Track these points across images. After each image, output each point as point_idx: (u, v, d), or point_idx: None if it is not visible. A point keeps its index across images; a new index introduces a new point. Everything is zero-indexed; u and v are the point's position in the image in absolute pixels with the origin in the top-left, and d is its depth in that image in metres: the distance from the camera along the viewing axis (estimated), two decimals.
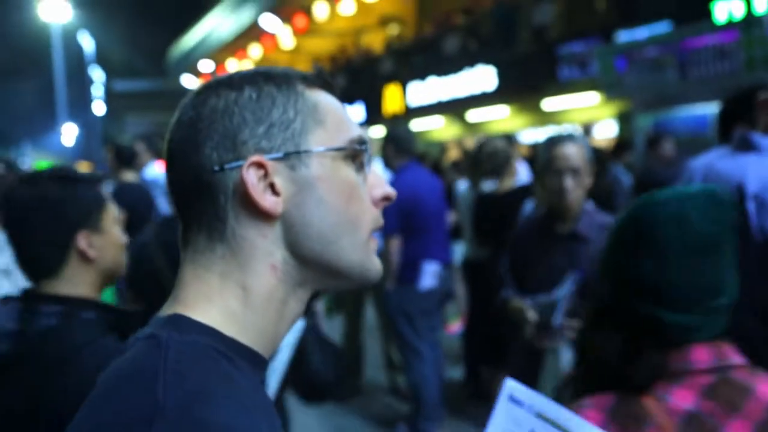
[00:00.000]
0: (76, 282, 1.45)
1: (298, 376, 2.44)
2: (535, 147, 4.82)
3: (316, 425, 4.50)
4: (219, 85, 0.76)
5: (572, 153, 2.42)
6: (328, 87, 0.81)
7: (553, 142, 2.47)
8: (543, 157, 2.48)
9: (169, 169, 0.76)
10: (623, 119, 10.09)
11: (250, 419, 0.64)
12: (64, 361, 1.22)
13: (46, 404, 1.24)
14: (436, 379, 4.31)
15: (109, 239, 1.49)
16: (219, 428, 0.60)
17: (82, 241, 1.44)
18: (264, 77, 0.76)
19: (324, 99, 0.79)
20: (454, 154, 12.23)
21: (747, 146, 1.89)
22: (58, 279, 1.44)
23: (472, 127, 14.98)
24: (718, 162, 1.96)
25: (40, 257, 1.45)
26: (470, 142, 14.45)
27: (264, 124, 0.74)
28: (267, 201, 0.72)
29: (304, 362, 2.45)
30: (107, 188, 1.59)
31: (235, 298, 0.73)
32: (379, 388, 5.25)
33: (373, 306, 5.15)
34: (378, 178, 0.81)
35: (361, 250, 0.77)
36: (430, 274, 4.25)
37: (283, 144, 0.74)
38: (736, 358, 1.17)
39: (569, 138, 2.48)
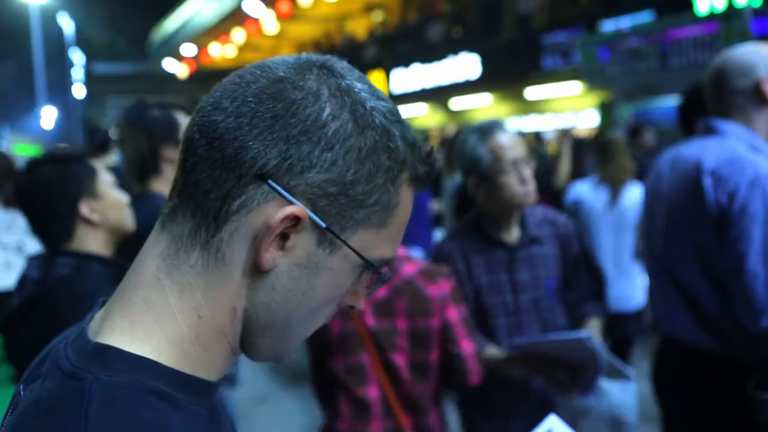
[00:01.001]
0: (86, 243, 1.68)
1: None
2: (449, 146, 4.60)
3: (299, 411, 4.53)
4: (345, 100, 0.62)
5: (517, 141, 2.04)
6: (419, 190, 0.69)
7: (487, 134, 2.02)
8: (482, 154, 2.01)
9: (214, 112, 0.61)
10: (605, 109, 10.16)
11: None
12: (75, 305, 1.34)
13: None
14: None
15: (107, 202, 1.71)
16: None
17: (84, 208, 1.67)
18: (388, 138, 0.63)
19: (405, 206, 0.67)
20: (437, 141, 12.25)
21: (709, 131, 1.96)
22: (71, 242, 1.68)
23: (455, 115, 15.01)
24: (683, 149, 2.03)
25: (51, 229, 1.69)
26: (452, 130, 14.48)
27: (339, 185, 0.61)
28: (267, 253, 0.61)
29: None
30: (114, 157, 1.80)
31: (187, 325, 0.62)
32: None
33: None
34: (363, 292, 0.71)
35: (298, 342, 0.68)
36: None
37: (334, 218, 0.62)
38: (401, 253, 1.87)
39: (499, 126, 2.06)
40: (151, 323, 0.61)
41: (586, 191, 3.88)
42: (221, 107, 0.61)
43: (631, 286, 3.74)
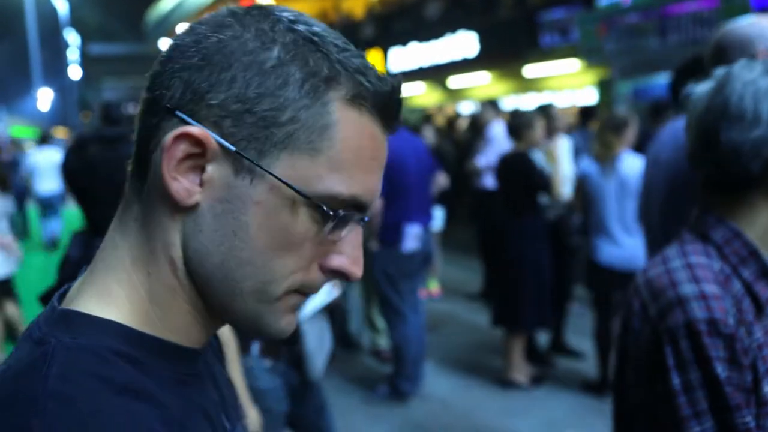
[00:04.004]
0: None
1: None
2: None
3: None
4: (252, 22, 0.59)
5: None
6: (386, 117, 0.61)
7: None
8: None
9: (155, 74, 0.61)
10: (603, 86, 10.13)
11: None
12: None
13: None
14: (417, 339, 4.38)
15: None
16: None
17: None
18: (304, 53, 0.58)
19: (348, 129, 0.59)
20: (439, 120, 12.21)
21: None
22: None
23: (454, 94, 14.96)
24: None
25: (96, 212, 1.64)
26: (451, 109, 14.44)
27: (246, 104, 0.56)
28: (174, 182, 0.57)
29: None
30: None
31: (141, 284, 0.60)
32: (360, 350, 5.33)
33: None
34: (351, 251, 0.62)
35: (264, 304, 0.60)
36: (412, 237, 4.30)
37: (247, 142, 0.57)
38: None
39: None
40: (112, 286, 0.60)
41: (588, 165, 4.34)
42: (158, 69, 0.61)
43: (640, 245, 3.85)
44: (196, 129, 0.56)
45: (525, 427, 4.00)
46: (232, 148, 0.56)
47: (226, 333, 2.08)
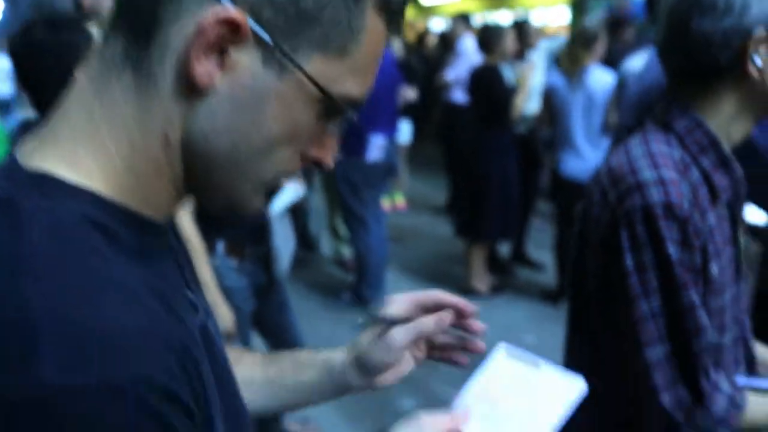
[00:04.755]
0: None
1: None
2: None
3: None
4: None
5: None
6: (393, 26, 0.62)
7: None
8: None
9: None
10: (576, 5, 9.98)
11: (143, 310, 0.50)
12: None
13: None
14: (380, 248, 4.42)
15: None
16: (112, 331, 0.46)
17: None
18: None
19: (373, 36, 0.59)
20: (410, 35, 11.93)
21: None
22: None
23: (425, 10, 14.64)
24: None
25: (45, 97, 1.64)
26: (422, 25, 14.15)
27: None
28: (199, 66, 0.54)
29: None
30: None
31: (120, 156, 0.56)
32: (324, 259, 5.37)
33: (319, 179, 5.19)
34: (331, 143, 0.65)
35: (254, 186, 0.62)
36: (377, 147, 4.27)
37: (284, 35, 0.55)
38: None
39: None
40: (79, 151, 0.56)
41: (556, 78, 4.28)
42: None
43: (602, 156, 3.91)
44: (236, 13, 0.52)
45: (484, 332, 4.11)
46: (268, 39, 0.54)
47: (191, 233, 2.07)
